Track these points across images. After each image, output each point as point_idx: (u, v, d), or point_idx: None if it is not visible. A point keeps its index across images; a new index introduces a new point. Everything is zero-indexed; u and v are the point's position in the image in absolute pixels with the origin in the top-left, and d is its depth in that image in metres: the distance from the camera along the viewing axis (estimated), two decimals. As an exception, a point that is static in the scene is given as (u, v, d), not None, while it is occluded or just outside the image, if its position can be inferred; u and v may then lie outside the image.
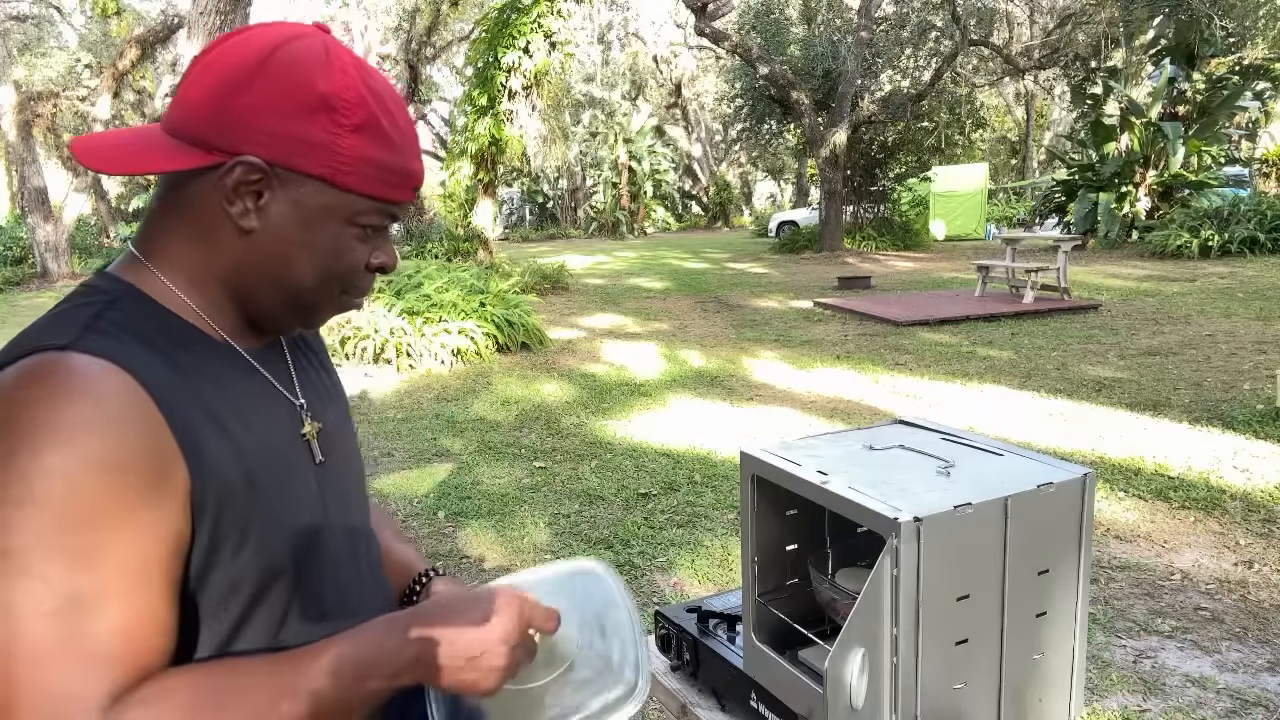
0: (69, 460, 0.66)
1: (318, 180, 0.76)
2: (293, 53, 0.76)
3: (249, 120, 0.74)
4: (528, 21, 12.50)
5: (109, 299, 0.77)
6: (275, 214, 0.77)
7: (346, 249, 0.81)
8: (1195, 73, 16.48)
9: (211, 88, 0.75)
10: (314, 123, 0.75)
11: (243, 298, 0.82)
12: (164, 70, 22.22)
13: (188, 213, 0.79)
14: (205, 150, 0.75)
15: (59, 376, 0.68)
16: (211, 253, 0.79)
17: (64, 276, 15.74)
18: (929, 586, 1.01)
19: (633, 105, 32.44)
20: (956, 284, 12.42)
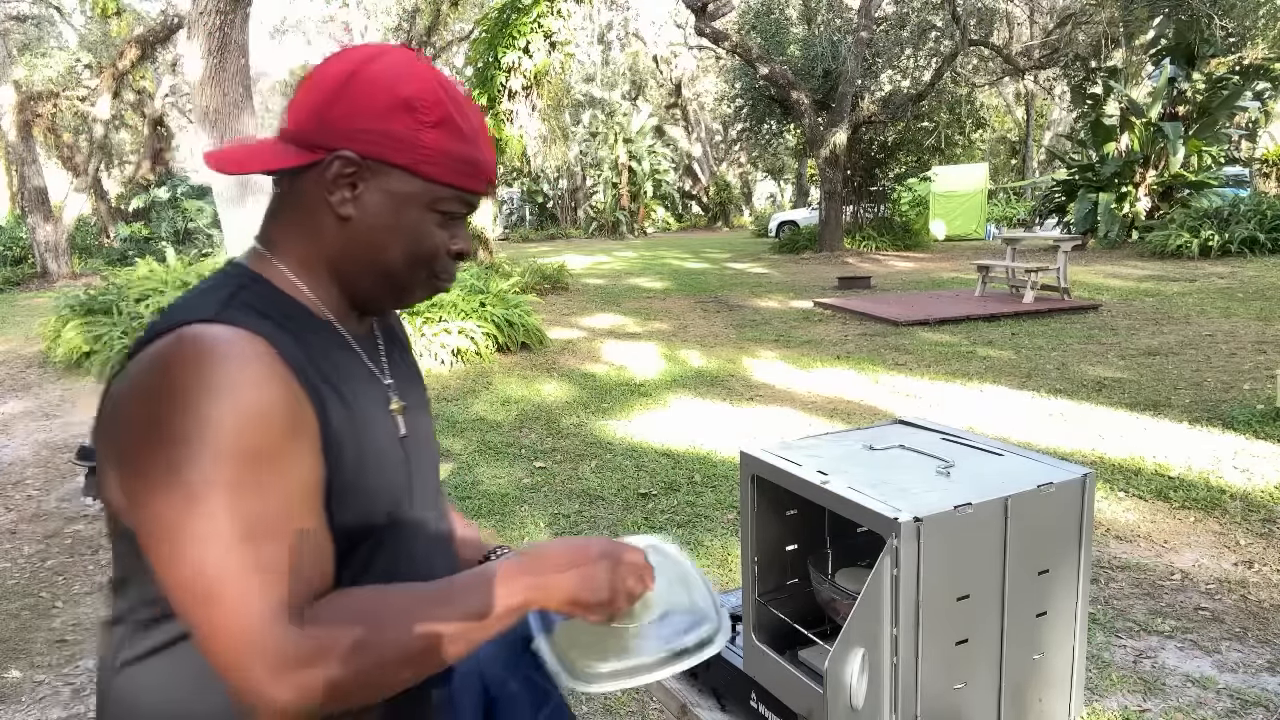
0: (230, 409, 0.77)
1: (403, 170, 0.88)
2: (380, 64, 0.89)
3: (344, 122, 0.87)
4: (528, 21, 12.50)
5: (239, 284, 0.89)
6: (368, 202, 0.89)
7: (428, 233, 0.92)
8: (1195, 73, 16.48)
9: (313, 97, 0.89)
10: (398, 121, 0.87)
11: (344, 279, 0.93)
12: (164, 70, 22.22)
13: (297, 207, 0.92)
14: (310, 150, 0.88)
15: (210, 342, 0.80)
16: (317, 240, 0.91)
17: (64, 276, 15.72)
18: (929, 586, 1.01)
19: (633, 105, 32.43)
20: (956, 284, 12.42)
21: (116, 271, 9.96)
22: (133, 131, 25.37)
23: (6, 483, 5.10)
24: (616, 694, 2.74)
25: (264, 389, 0.79)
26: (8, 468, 5.37)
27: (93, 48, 23.48)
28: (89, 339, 7.63)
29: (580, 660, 1.01)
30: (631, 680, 0.99)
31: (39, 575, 3.83)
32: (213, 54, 7.84)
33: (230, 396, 0.77)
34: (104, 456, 0.84)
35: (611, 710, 2.67)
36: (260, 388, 0.79)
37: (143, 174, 21.16)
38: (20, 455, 5.61)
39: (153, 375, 0.79)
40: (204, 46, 7.83)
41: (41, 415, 6.53)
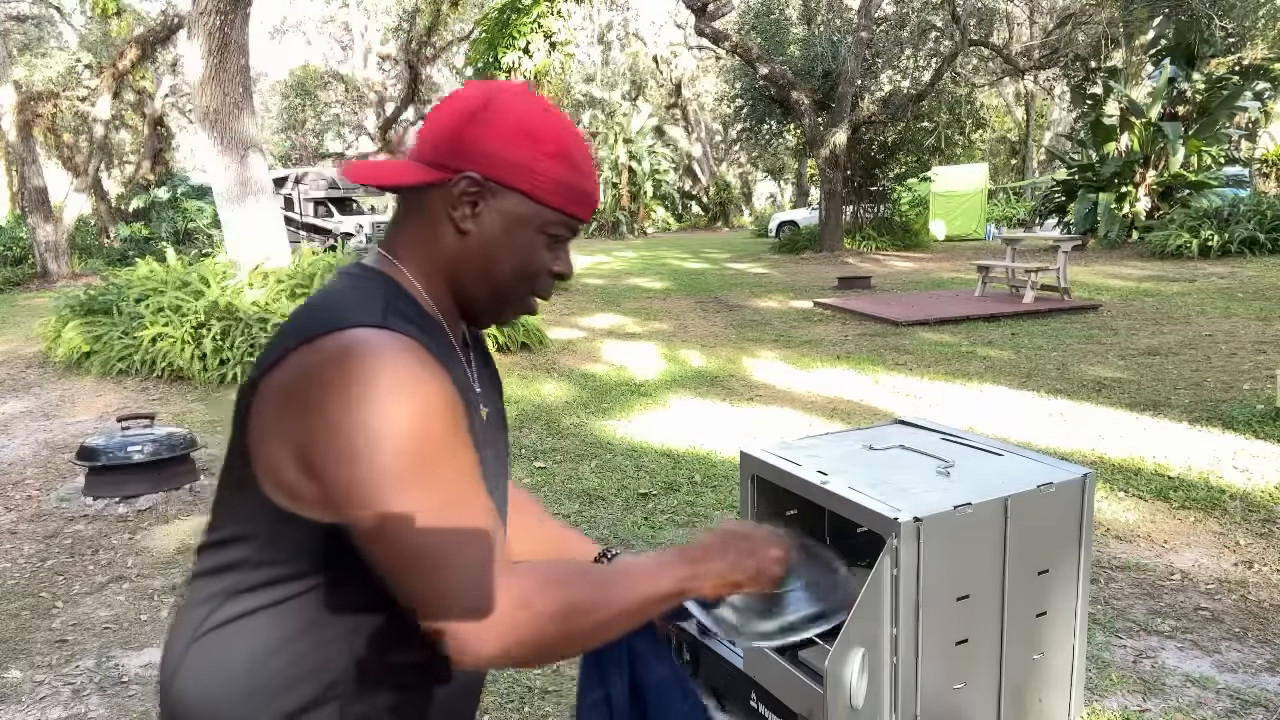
0: (418, 402, 0.87)
1: (520, 194, 0.98)
2: (508, 99, 0.99)
3: (472, 146, 0.97)
4: (528, 22, 12.50)
5: (386, 292, 0.98)
6: (486, 219, 0.99)
7: (536, 253, 1.02)
8: (1195, 73, 16.47)
9: (447, 122, 0.99)
10: (522, 148, 0.97)
11: (456, 288, 1.03)
12: (164, 70, 22.21)
13: (422, 219, 1.01)
14: (440, 169, 0.98)
15: (389, 344, 0.89)
16: (437, 250, 1.01)
17: (64, 277, 15.71)
18: (929, 586, 1.01)
19: (633, 105, 32.43)
20: (956, 284, 12.42)
21: (116, 271, 9.96)
22: (133, 131, 25.38)
23: (6, 483, 5.10)
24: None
25: (437, 386, 0.90)
26: (8, 468, 5.37)
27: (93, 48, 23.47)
28: (89, 339, 7.63)
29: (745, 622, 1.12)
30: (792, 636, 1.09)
31: (39, 575, 3.83)
32: (213, 54, 7.84)
33: (415, 391, 0.87)
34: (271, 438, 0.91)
35: (611, 710, 2.67)
36: (435, 384, 0.89)
37: (143, 174, 21.16)
38: (20, 455, 5.61)
39: (342, 370, 0.87)
40: (204, 46, 7.83)
41: (41, 415, 6.53)
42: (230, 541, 0.98)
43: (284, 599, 0.95)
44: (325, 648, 0.95)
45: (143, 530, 4.28)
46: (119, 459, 4.63)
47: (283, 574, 0.95)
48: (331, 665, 0.95)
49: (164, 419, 5.92)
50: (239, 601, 0.96)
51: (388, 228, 1.06)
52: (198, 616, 0.98)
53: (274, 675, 0.95)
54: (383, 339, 0.89)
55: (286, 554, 0.94)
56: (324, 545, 0.92)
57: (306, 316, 0.94)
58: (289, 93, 34.21)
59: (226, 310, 7.42)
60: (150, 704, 2.79)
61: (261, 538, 0.95)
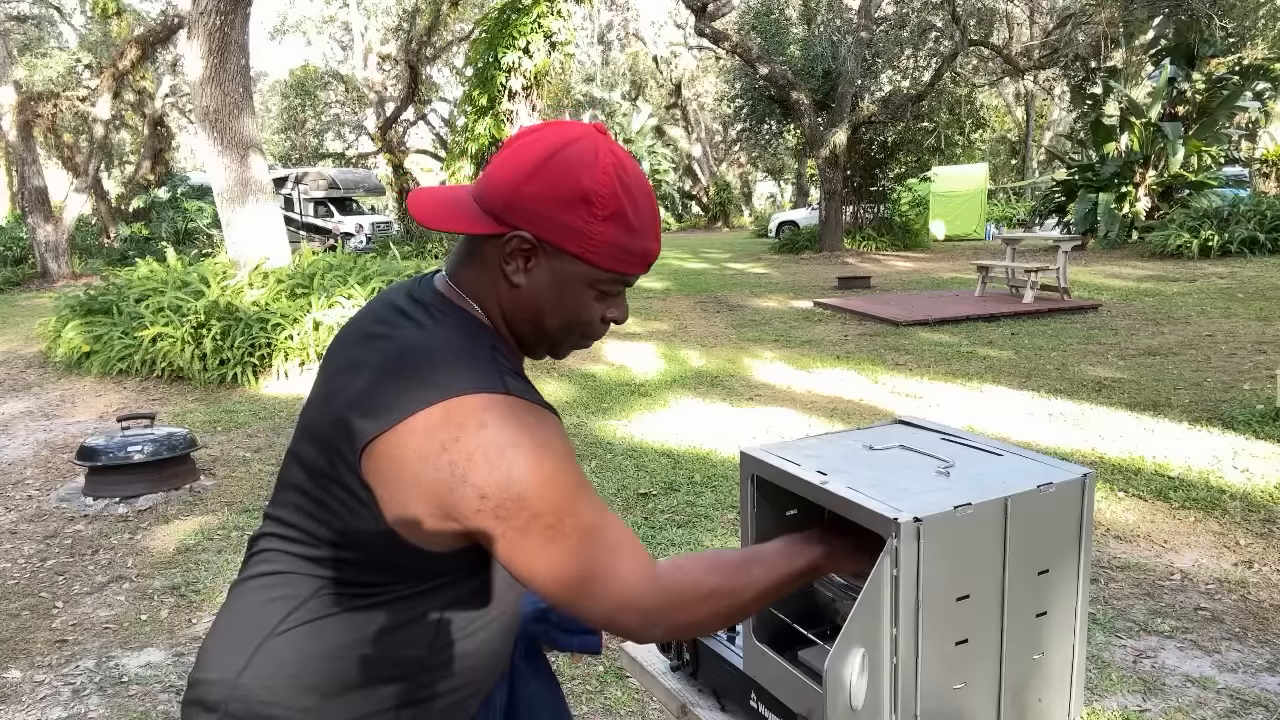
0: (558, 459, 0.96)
1: (572, 256, 1.00)
2: (570, 155, 0.99)
3: (529, 205, 0.98)
4: (528, 22, 12.50)
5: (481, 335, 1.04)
6: (538, 276, 1.02)
7: (587, 306, 1.06)
8: (1195, 73, 16.46)
9: (509, 174, 1.00)
10: (575, 213, 0.98)
11: (512, 330, 1.07)
12: (164, 70, 22.22)
13: (482, 263, 1.05)
14: (496, 221, 1.00)
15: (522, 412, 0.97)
16: (493, 296, 1.05)
17: (64, 277, 15.72)
18: (929, 586, 1.01)
19: (633, 105, 32.44)
20: (956, 284, 12.42)
21: (117, 271, 9.97)
22: (133, 131, 25.39)
23: (6, 483, 5.10)
24: (616, 693, 2.75)
25: (559, 438, 0.99)
26: (8, 468, 5.37)
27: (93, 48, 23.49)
28: (89, 339, 7.63)
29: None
30: None
31: (39, 575, 3.83)
32: (213, 54, 7.84)
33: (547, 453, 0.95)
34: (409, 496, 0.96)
35: (611, 710, 2.68)
36: (557, 439, 0.98)
37: (143, 174, 21.18)
38: (20, 455, 5.61)
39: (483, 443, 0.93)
40: (204, 46, 7.83)
41: (41, 415, 6.53)
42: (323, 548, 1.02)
43: (368, 605, 1.01)
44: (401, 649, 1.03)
45: (143, 530, 4.28)
46: (119, 459, 4.63)
47: (376, 582, 1.01)
48: (405, 666, 1.03)
49: (164, 419, 5.92)
50: (323, 603, 1.01)
51: (453, 255, 1.09)
52: (274, 614, 1.02)
53: (348, 675, 1.01)
54: (514, 408, 0.96)
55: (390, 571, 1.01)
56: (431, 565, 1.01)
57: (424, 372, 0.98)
58: (289, 93, 34.22)
59: (227, 310, 7.43)
60: (150, 704, 2.79)
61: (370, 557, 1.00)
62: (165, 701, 2.80)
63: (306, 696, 0.99)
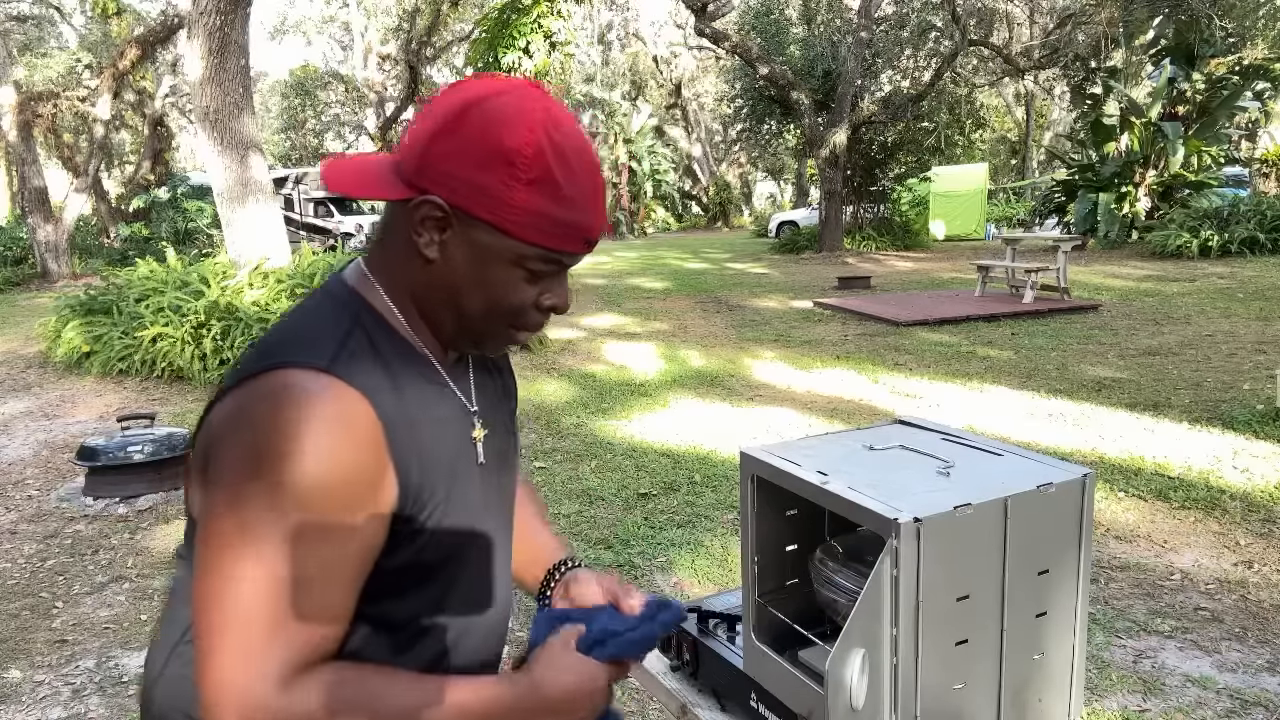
0: (307, 471, 0.79)
1: (488, 225, 0.85)
2: (492, 108, 0.84)
3: (440, 165, 0.84)
4: (528, 22, 12.50)
5: (353, 320, 0.89)
6: (453, 249, 0.87)
7: (513, 288, 0.90)
8: (1195, 73, 16.47)
9: (423, 130, 0.86)
10: (492, 174, 0.83)
11: (427, 316, 0.93)
12: (164, 70, 22.22)
13: (395, 237, 0.91)
14: (407, 185, 0.86)
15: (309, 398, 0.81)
16: (406, 274, 0.91)
17: (64, 277, 15.71)
18: (929, 587, 1.01)
19: (633, 105, 32.43)
20: (956, 284, 12.42)
21: (117, 272, 9.96)
22: (133, 131, 25.39)
23: (6, 483, 5.10)
24: (616, 693, 2.74)
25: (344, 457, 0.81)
26: (8, 468, 5.37)
27: (93, 48, 23.49)
28: (89, 339, 7.63)
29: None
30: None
31: (39, 575, 3.83)
32: (213, 54, 7.84)
33: (310, 459, 0.79)
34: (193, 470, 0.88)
35: (611, 710, 2.67)
36: (341, 456, 0.81)
37: (143, 174, 21.18)
38: (20, 455, 5.61)
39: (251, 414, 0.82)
40: (204, 47, 7.82)
41: (41, 415, 6.53)
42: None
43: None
44: None
45: (143, 530, 4.28)
46: (119, 459, 4.63)
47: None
48: None
49: (164, 419, 5.92)
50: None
51: (375, 234, 0.97)
52: (180, 623, 0.96)
53: None
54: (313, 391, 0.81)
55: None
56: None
57: (260, 346, 0.88)
58: (289, 93, 34.23)
59: (226, 310, 7.42)
60: (150, 704, 2.79)
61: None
62: (165, 701, 2.80)
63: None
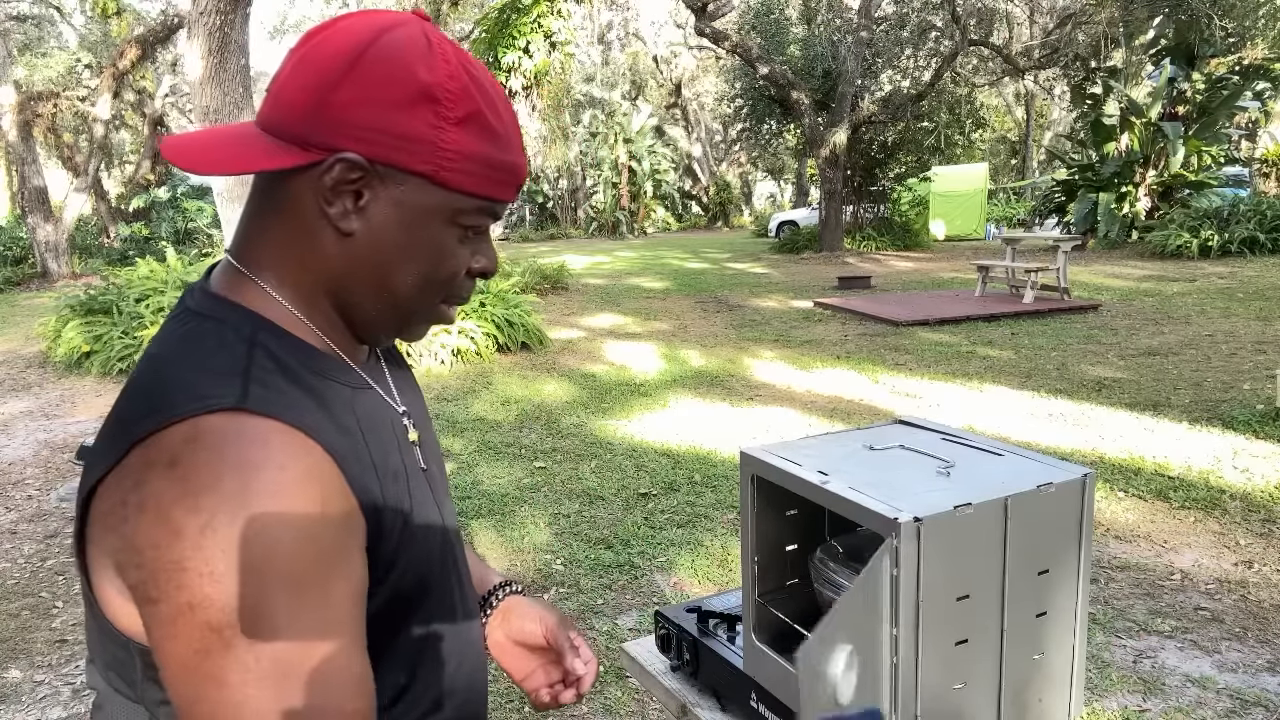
0: (270, 536, 0.63)
1: (420, 178, 0.72)
2: (392, 42, 0.70)
3: (347, 115, 0.69)
4: (528, 22, 12.51)
5: (247, 340, 0.72)
6: (376, 215, 0.72)
7: (448, 252, 0.76)
8: (1195, 73, 16.47)
9: (308, 82, 0.70)
10: (416, 116, 0.70)
11: (345, 307, 0.77)
12: (164, 70, 22.22)
13: (287, 216, 0.74)
14: (302, 148, 0.70)
15: (243, 447, 0.64)
16: (313, 259, 0.74)
17: (64, 276, 15.72)
18: (929, 586, 1.01)
19: (633, 105, 32.44)
20: (956, 284, 12.42)
21: (117, 271, 9.97)
22: (133, 131, 25.39)
23: (6, 483, 5.10)
24: (616, 694, 2.74)
25: (310, 505, 0.65)
26: (8, 468, 5.37)
27: (93, 48, 23.49)
28: (89, 339, 7.63)
29: None
30: None
31: (39, 575, 3.83)
32: (213, 54, 7.84)
33: (272, 519, 0.63)
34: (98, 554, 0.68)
35: (611, 710, 2.67)
36: (305, 505, 0.65)
37: (143, 174, 21.18)
38: (20, 455, 5.61)
39: (169, 487, 0.63)
40: (204, 46, 7.83)
41: (41, 415, 6.53)
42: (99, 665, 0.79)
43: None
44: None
45: (143, 530, 4.28)
46: (119, 459, 4.63)
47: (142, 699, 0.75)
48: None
49: (164, 419, 5.92)
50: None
51: (237, 227, 0.78)
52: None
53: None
54: (244, 437, 0.64)
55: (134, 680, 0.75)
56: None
57: (141, 395, 0.68)
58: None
59: (226, 310, 7.43)
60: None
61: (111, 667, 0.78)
62: (165, 701, 2.80)
63: None
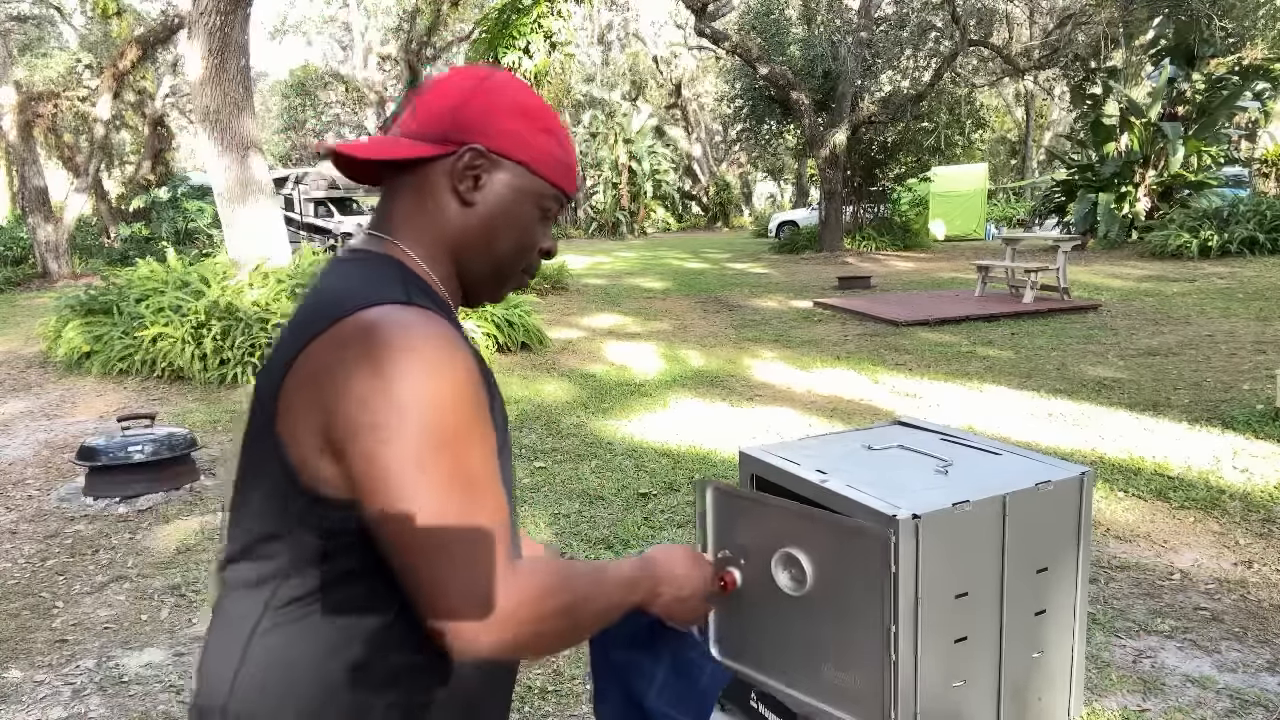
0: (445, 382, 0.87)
1: (521, 166, 1.01)
2: (498, 78, 1.03)
3: (475, 120, 1.00)
4: (528, 22, 12.50)
5: (400, 273, 0.98)
6: (490, 191, 1.01)
7: (532, 226, 1.05)
8: (1195, 73, 16.46)
9: (444, 103, 1.01)
10: (519, 122, 1.01)
11: (460, 265, 1.04)
12: (164, 70, 22.21)
13: (424, 194, 1.01)
14: (441, 144, 0.99)
15: (420, 322, 0.89)
16: (440, 225, 1.01)
17: (64, 277, 15.70)
18: (928, 584, 1.01)
19: (633, 105, 32.42)
20: (956, 284, 12.42)
21: (117, 272, 9.96)
22: (133, 132, 25.36)
23: (6, 483, 5.10)
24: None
25: (465, 365, 0.89)
26: (8, 468, 5.37)
27: (93, 48, 23.48)
28: (89, 339, 7.63)
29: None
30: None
31: (39, 575, 3.83)
32: (213, 54, 7.84)
33: (445, 370, 0.87)
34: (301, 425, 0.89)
35: (611, 710, 2.67)
36: (463, 364, 0.89)
37: (143, 174, 21.16)
38: (20, 455, 5.61)
39: (371, 348, 0.86)
40: (204, 47, 7.83)
41: (42, 415, 6.53)
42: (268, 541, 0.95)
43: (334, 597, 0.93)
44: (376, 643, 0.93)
45: (143, 530, 4.28)
46: (119, 459, 4.63)
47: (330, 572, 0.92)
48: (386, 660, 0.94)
49: (164, 419, 5.92)
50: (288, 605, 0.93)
51: (375, 212, 1.05)
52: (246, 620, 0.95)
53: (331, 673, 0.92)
54: (410, 315, 0.89)
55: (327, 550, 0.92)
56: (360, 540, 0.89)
57: (325, 303, 0.93)
58: (289, 93, 34.20)
59: (227, 310, 7.43)
60: (150, 704, 2.79)
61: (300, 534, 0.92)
62: (165, 701, 2.80)
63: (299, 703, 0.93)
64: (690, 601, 1.11)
